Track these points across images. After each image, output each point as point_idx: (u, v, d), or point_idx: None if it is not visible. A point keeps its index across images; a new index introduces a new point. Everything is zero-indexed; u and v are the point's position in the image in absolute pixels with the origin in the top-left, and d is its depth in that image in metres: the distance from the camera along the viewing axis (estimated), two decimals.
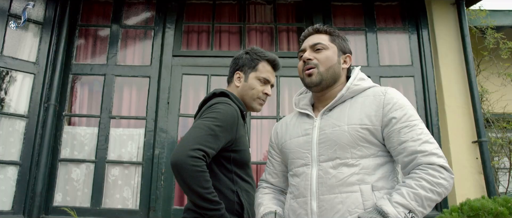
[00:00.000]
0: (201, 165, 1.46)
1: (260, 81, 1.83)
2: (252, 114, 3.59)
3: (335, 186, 1.30)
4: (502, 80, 4.06)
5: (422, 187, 1.19)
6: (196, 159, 1.46)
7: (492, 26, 3.96)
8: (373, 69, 3.71)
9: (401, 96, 1.39)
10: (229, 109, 1.65)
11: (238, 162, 1.70)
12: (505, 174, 3.87)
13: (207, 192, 1.46)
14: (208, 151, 1.50)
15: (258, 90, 1.82)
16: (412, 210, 1.18)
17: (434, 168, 1.22)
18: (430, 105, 3.55)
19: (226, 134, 1.60)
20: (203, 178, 1.46)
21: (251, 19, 4.02)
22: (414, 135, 1.28)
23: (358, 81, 1.47)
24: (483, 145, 3.37)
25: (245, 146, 1.73)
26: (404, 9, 3.96)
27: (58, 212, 3.25)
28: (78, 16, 3.85)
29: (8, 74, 3.42)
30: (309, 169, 1.38)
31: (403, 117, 1.31)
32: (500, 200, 2.56)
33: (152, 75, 3.64)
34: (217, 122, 1.58)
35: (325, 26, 1.55)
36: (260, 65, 1.84)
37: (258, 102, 1.83)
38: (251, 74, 1.84)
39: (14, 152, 3.28)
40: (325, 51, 1.47)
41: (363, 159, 1.32)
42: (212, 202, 1.47)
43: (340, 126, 1.36)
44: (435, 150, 1.26)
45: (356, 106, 1.40)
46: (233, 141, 1.65)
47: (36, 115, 3.38)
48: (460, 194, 3.25)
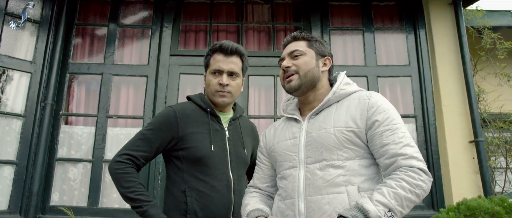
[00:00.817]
0: (122, 167, 1.64)
1: (214, 75, 1.82)
2: (249, 113, 3.59)
3: (322, 187, 1.34)
4: (499, 80, 4.07)
5: (402, 188, 1.23)
6: (118, 163, 1.65)
7: (489, 26, 3.98)
8: (370, 69, 3.71)
9: (384, 101, 1.44)
10: (164, 111, 1.79)
11: (189, 160, 1.71)
12: (502, 173, 3.89)
13: (128, 191, 1.61)
14: (134, 154, 1.67)
15: (213, 84, 1.80)
16: (391, 208, 1.21)
17: (414, 171, 1.26)
18: (427, 105, 3.56)
19: (162, 133, 1.71)
20: (124, 178, 1.63)
21: (248, 19, 4.02)
22: (395, 138, 1.32)
23: (344, 85, 1.51)
24: (479, 145, 3.38)
25: (196, 142, 1.72)
26: (401, 9, 3.97)
27: (55, 211, 3.24)
28: (75, 15, 3.84)
29: (5, 73, 3.40)
30: (297, 171, 1.42)
31: (385, 120, 1.36)
32: (497, 199, 2.57)
33: (149, 74, 3.64)
34: (149, 127, 1.74)
35: (302, 33, 1.60)
36: (211, 60, 1.85)
37: (218, 96, 1.80)
38: (207, 72, 1.86)
39: (11, 151, 3.27)
40: (303, 57, 1.53)
41: (349, 160, 1.36)
42: (133, 200, 1.61)
43: (326, 129, 1.41)
44: (415, 154, 1.30)
45: (342, 109, 1.45)
46: (177, 139, 1.72)
47: (33, 114, 3.37)
48: (457, 193, 3.26)
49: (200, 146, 1.72)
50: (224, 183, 1.72)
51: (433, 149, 3.47)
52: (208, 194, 1.68)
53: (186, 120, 1.75)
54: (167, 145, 1.73)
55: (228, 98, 1.82)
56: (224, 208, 1.70)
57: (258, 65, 3.70)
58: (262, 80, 3.74)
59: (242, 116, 2.00)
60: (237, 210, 1.71)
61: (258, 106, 3.72)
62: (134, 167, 1.68)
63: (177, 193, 1.69)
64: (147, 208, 1.60)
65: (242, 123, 1.95)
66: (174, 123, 1.73)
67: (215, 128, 1.79)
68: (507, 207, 2.51)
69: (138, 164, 1.69)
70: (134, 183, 1.63)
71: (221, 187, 1.71)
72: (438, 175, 3.42)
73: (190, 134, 1.73)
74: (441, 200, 3.35)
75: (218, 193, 1.69)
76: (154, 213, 1.60)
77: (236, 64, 1.83)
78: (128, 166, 1.65)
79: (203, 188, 1.68)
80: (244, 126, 1.96)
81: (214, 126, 1.79)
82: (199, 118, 1.78)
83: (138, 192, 1.62)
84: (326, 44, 1.62)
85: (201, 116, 1.80)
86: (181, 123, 1.73)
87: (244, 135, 1.91)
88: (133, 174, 1.65)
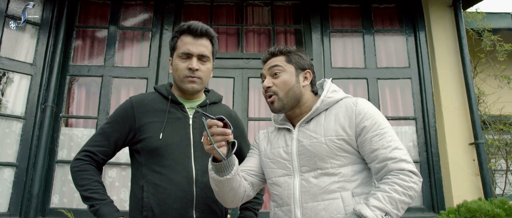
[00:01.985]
0: (79, 165, 1.58)
1: (181, 59, 1.64)
2: (249, 115, 3.59)
3: (318, 194, 1.38)
4: (499, 83, 4.08)
5: (395, 191, 1.28)
6: (77, 160, 1.59)
7: (489, 28, 3.99)
8: (370, 71, 3.71)
9: (370, 106, 1.46)
10: (123, 103, 1.71)
11: (146, 151, 1.59)
12: (502, 175, 3.89)
13: (82, 189, 1.54)
14: (92, 150, 1.60)
15: (181, 68, 1.63)
16: (388, 212, 1.26)
17: (404, 173, 1.31)
18: (427, 107, 3.57)
19: (119, 126, 1.63)
20: (79, 176, 1.56)
21: (248, 21, 4.03)
22: (384, 143, 1.36)
23: (331, 93, 1.53)
24: (480, 147, 3.38)
25: (152, 132, 1.59)
26: (401, 11, 3.98)
27: (55, 214, 3.24)
28: (76, 17, 3.85)
29: (5, 75, 3.41)
30: (291, 178, 1.45)
31: (373, 126, 1.39)
32: (497, 201, 2.57)
33: (149, 76, 3.64)
34: (107, 121, 1.68)
35: (280, 47, 1.57)
36: (179, 42, 1.66)
37: (187, 81, 1.63)
38: (174, 55, 1.68)
39: (11, 153, 3.27)
40: (283, 75, 1.51)
41: (342, 167, 1.40)
42: (86, 198, 1.53)
43: (317, 138, 1.43)
44: (403, 156, 1.34)
45: (330, 118, 1.47)
46: (135, 130, 1.62)
47: (33, 116, 3.37)
48: (457, 195, 3.25)
49: (154, 135, 1.58)
50: (184, 174, 1.55)
51: (433, 151, 3.47)
52: (165, 187, 1.53)
53: (142, 110, 1.64)
54: (126, 138, 1.63)
55: (198, 85, 1.65)
56: (183, 201, 1.53)
57: (258, 68, 3.70)
58: None
59: (218, 104, 1.82)
60: (200, 203, 1.56)
61: (258, 108, 3.72)
62: (93, 164, 1.60)
63: (136, 189, 1.59)
64: (99, 207, 1.50)
65: (216, 110, 1.75)
66: (130, 113, 1.63)
67: (176, 116, 1.64)
68: (508, 210, 2.51)
69: (96, 160, 1.61)
70: (89, 181, 1.55)
71: (180, 179, 1.54)
72: (438, 177, 3.42)
73: (146, 124, 1.61)
74: (441, 202, 3.35)
75: (176, 186, 1.53)
76: (105, 212, 1.49)
77: (206, 47, 1.66)
78: (85, 163, 1.58)
79: (160, 181, 1.54)
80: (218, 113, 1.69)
81: (175, 114, 1.65)
82: (158, 107, 1.65)
83: (92, 190, 1.53)
84: (306, 55, 1.60)
85: (161, 104, 1.66)
86: (138, 113, 1.63)
87: None
88: (89, 171, 1.57)
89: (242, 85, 3.66)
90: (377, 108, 1.49)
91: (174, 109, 1.66)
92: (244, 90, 3.65)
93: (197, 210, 1.55)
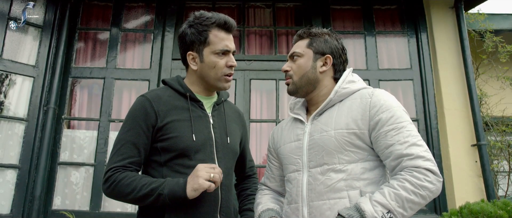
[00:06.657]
0: (108, 186, 1.40)
1: (219, 55, 1.52)
2: (251, 117, 3.59)
3: (324, 193, 1.31)
4: (501, 84, 4.07)
5: (404, 188, 1.18)
6: (104, 184, 1.42)
7: (491, 29, 3.98)
8: (372, 73, 3.71)
9: (388, 97, 1.36)
10: (136, 102, 1.52)
11: (170, 152, 1.46)
12: (504, 177, 3.88)
13: (135, 194, 1.37)
14: (120, 164, 1.42)
15: (220, 66, 1.52)
16: (391, 210, 1.16)
17: (419, 171, 1.20)
18: (429, 109, 3.56)
19: (141, 129, 1.45)
20: (118, 192, 1.39)
21: (250, 23, 4.03)
22: (400, 138, 1.26)
23: (346, 84, 1.45)
24: (482, 148, 3.37)
25: (178, 131, 1.46)
26: (403, 12, 3.97)
27: (57, 215, 3.24)
28: (78, 19, 3.86)
29: (8, 77, 3.42)
30: (300, 175, 1.39)
31: (390, 119, 1.29)
32: (500, 203, 2.56)
33: (151, 78, 3.65)
34: (124, 127, 1.49)
35: (308, 29, 1.54)
36: (212, 36, 1.52)
37: (225, 80, 1.54)
38: (206, 51, 1.52)
39: (13, 155, 3.27)
40: (299, 60, 1.50)
41: (351, 164, 1.31)
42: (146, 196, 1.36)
43: (327, 131, 1.36)
44: (422, 153, 1.23)
45: (343, 110, 1.38)
46: (158, 128, 1.46)
47: (36, 118, 3.38)
48: (460, 197, 3.24)
49: (182, 135, 1.46)
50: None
51: (435, 152, 3.46)
52: None
53: (163, 107, 1.49)
54: (152, 138, 1.47)
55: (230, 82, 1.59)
56: (210, 205, 1.45)
57: (260, 69, 3.71)
58: (264, 84, 3.75)
59: (227, 101, 1.74)
60: (225, 207, 1.49)
61: (260, 110, 3.72)
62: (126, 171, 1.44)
63: None
64: (166, 191, 1.34)
65: (227, 108, 1.69)
66: (151, 111, 1.47)
67: (197, 115, 1.53)
68: (510, 211, 2.50)
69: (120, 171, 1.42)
70: (134, 182, 1.38)
71: None
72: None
73: (170, 122, 1.47)
74: (443, 204, 3.34)
75: None
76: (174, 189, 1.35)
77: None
78: (118, 173, 1.41)
79: None
80: (230, 111, 1.70)
81: (196, 113, 1.53)
82: (177, 104, 1.52)
83: (144, 185, 1.37)
84: (334, 39, 1.52)
85: (179, 101, 1.53)
86: (159, 110, 1.48)
87: (230, 121, 1.65)
88: (128, 175, 1.40)
89: (244, 87, 3.66)
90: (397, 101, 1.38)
91: (193, 106, 1.55)
92: (246, 92, 3.65)
93: (221, 213, 1.48)
